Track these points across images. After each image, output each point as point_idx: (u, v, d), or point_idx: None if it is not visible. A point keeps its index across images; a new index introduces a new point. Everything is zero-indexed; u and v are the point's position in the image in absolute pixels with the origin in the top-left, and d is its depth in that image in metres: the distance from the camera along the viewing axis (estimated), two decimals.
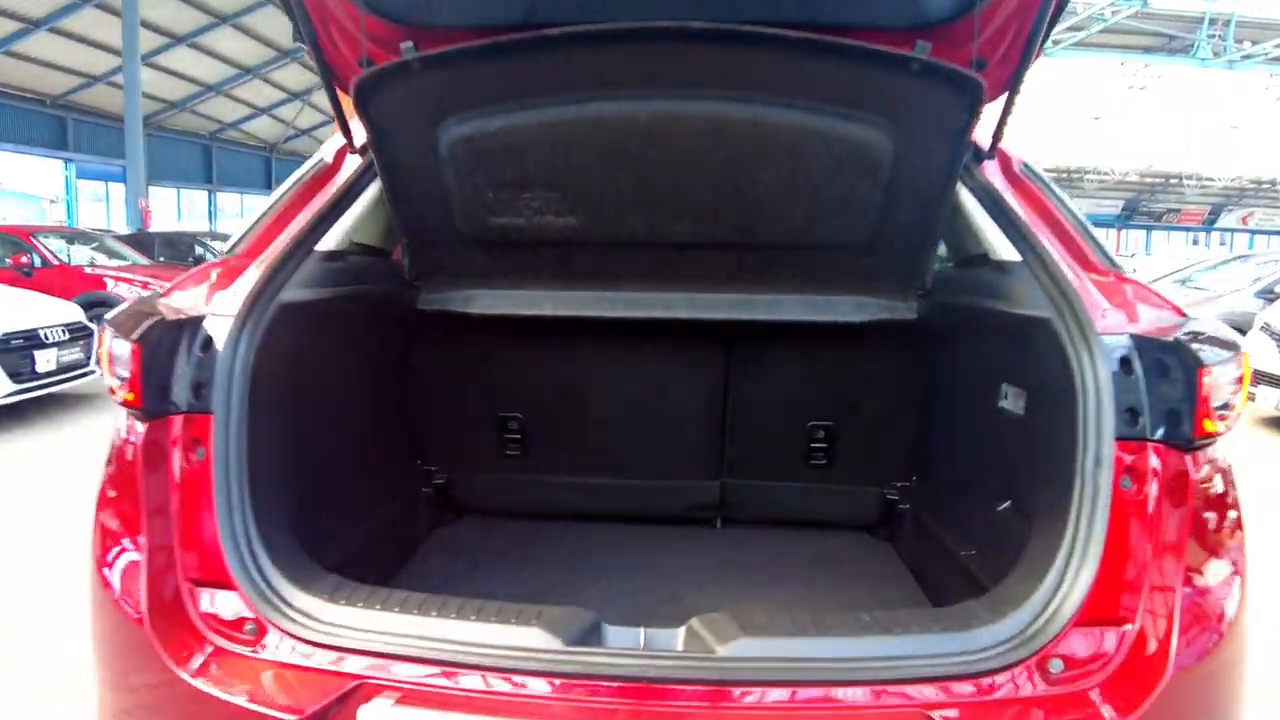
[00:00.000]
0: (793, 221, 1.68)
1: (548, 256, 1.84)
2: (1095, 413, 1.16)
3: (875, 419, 2.11)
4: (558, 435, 2.21)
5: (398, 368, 2.05)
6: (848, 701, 1.03)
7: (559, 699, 1.03)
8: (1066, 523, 1.14)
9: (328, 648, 1.09)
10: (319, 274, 1.50)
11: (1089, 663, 1.07)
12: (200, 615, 1.14)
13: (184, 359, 1.22)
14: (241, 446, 1.21)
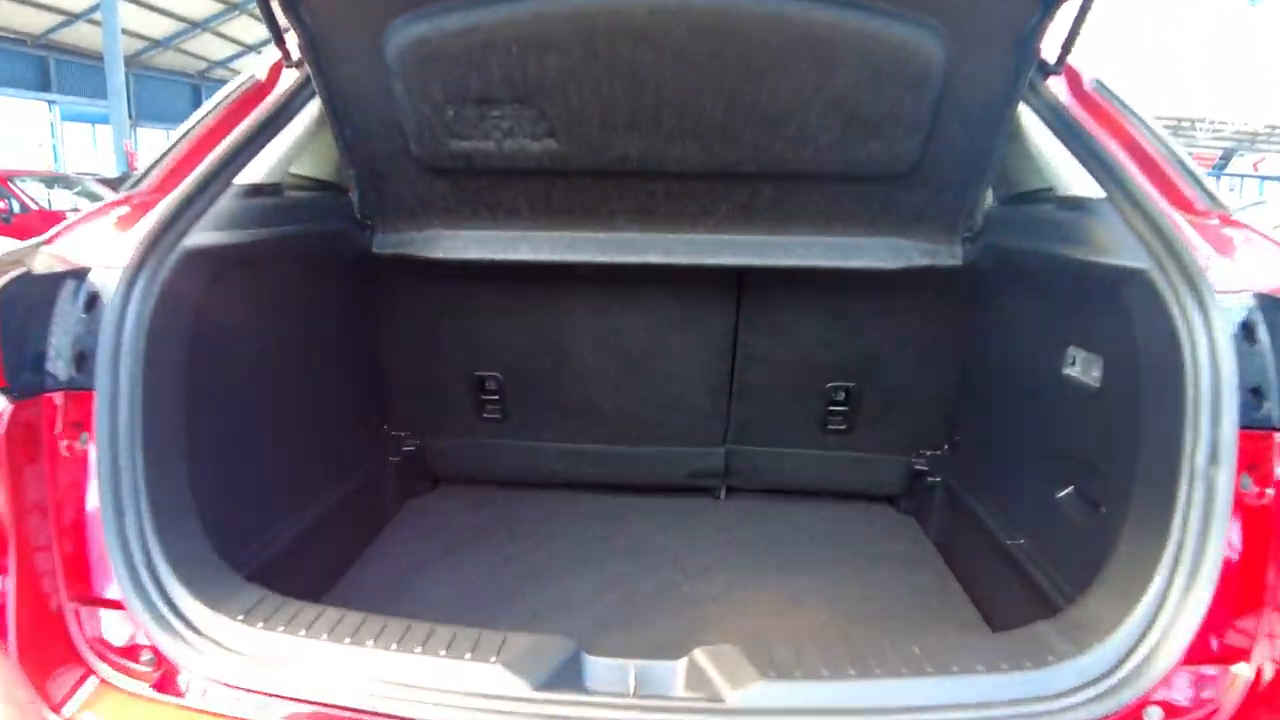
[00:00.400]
0: (819, 146, 1.39)
1: (523, 189, 1.54)
2: (1211, 392, 0.91)
3: (905, 379, 1.84)
4: (542, 396, 1.95)
5: (353, 322, 1.78)
6: None
7: None
8: (1169, 530, 0.90)
9: (240, 689, 0.87)
10: (239, 212, 1.22)
11: (1195, 710, 0.85)
12: (87, 641, 0.92)
13: (61, 322, 0.98)
14: (135, 429, 0.97)
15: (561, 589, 1.66)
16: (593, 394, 1.94)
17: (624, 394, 1.93)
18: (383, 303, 1.78)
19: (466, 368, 1.90)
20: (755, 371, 1.88)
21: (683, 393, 1.93)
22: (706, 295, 1.79)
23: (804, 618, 1.57)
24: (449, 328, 1.83)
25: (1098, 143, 1.21)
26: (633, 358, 1.88)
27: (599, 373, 1.90)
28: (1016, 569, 1.41)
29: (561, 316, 1.83)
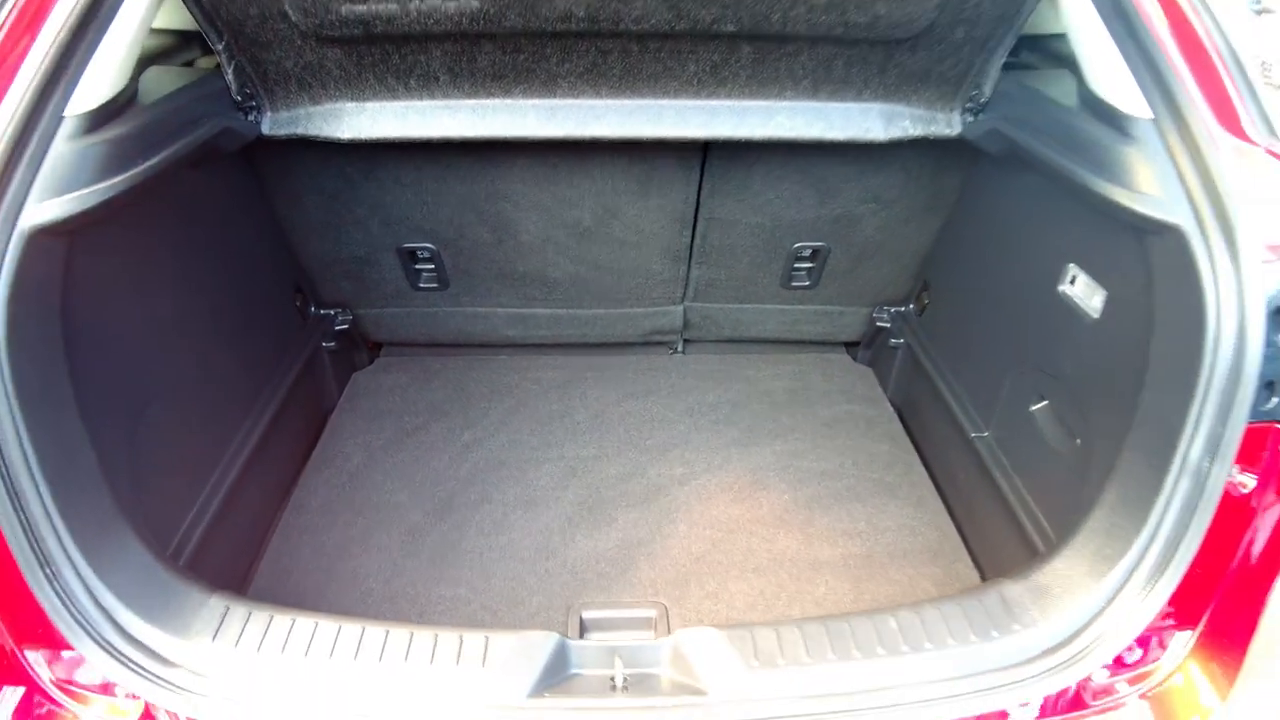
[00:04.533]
0: (813, 4, 1.14)
1: (439, 52, 1.27)
2: (1226, 377, 0.85)
3: (878, 240, 1.73)
4: (483, 264, 1.79)
5: (257, 214, 1.54)
6: None
7: None
8: (1150, 510, 0.89)
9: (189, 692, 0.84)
10: (85, 158, 0.94)
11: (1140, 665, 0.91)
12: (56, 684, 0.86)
13: None
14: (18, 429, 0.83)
15: (524, 483, 1.64)
16: (540, 263, 1.78)
17: (575, 262, 1.78)
18: (286, 182, 1.53)
19: (392, 239, 1.70)
20: (718, 235, 1.74)
21: (639, 259, 1.79)
22: (666, 161, 1.58)
23: (766, 502, 1.59)
24: (365, 200, 1.60)
25: (1148, 30, 0.98)
26: (583, 226, 1.71)
27: (545, 242, 1.73)
28: (976, 459, 1.44)
29: (496, 186, 1.61)
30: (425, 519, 1.54)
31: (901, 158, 1.54)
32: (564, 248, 1.75)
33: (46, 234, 0.88)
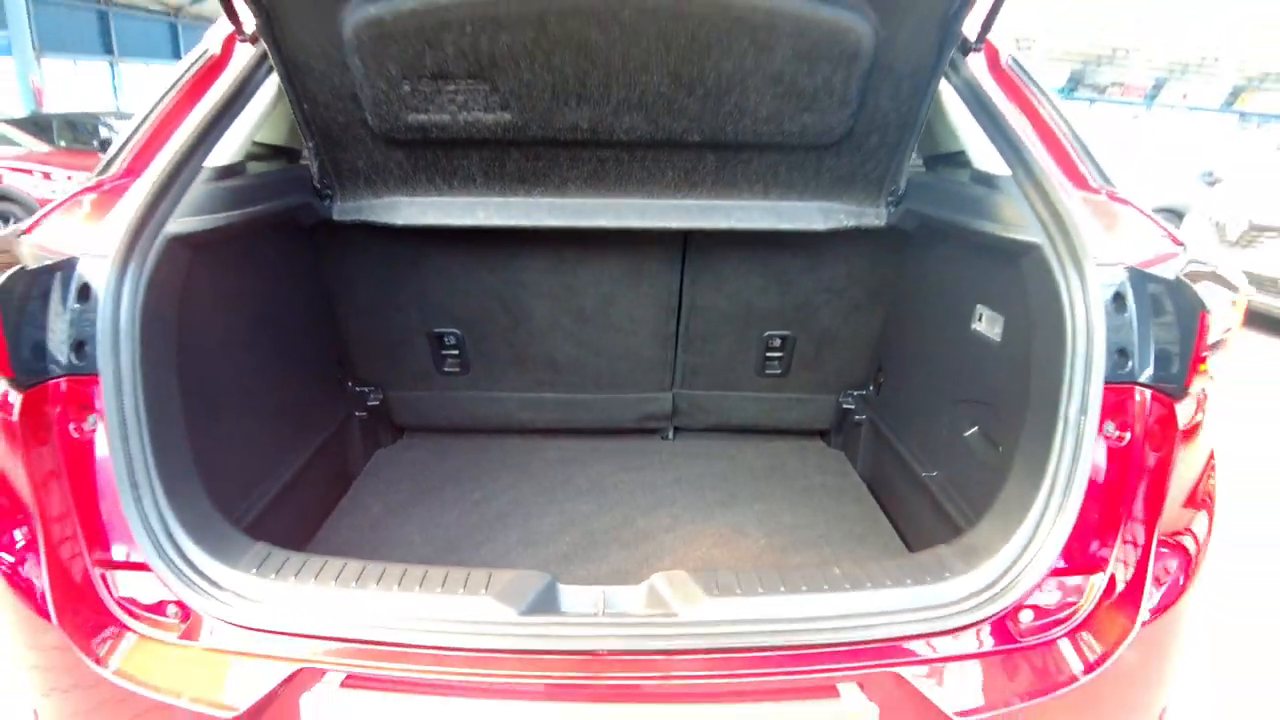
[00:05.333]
0: (758, 117, 1.49)
1: (478, 157, 1.62)
2: (1085, 351, 1.07)
3: (835, 327, 2.02)
4: (500, 350, 2.07)
5: (316, 285, 1.85)
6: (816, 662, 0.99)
7: (515, 675, 0.97)
8: (1045, 468, 1.08)
9: (262, 630, 0.99)
10: (213, 196, 1.29)
11: (1060, 612, 1.05)
12: (116, 601, 1.03)
13: (58, 312, 1.05)
14: (139, 408, 1.06)
15: (527, 529, 1.81)
16: (549, 347, 2.07)
17: (578, 346, 2.07)
18: (343, 265, 1.85)
19: (426, 324, 2.00)
20: (699, 322, 2.03)
21: (633, 343, 2.07)
22: (654, 254, 1.92)
23: (745, 546, 1.77)
24: (407, 287, 1.92)
25: (1006, 121, 1.35)
26: (586, 313, 2.00)
27: (554, 327, 2.03)
28: (930, 498, 1.61)
29: (516, 275, 1.93)
30: (433, 553, 1.72)
31: (844, 251, 1.86)
32: (569, 333, 2.03)
33: (178, 241, 1.18)
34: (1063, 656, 1.02)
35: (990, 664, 1.01)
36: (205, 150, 1.29)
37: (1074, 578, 1.05)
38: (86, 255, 1.07)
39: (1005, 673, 1.01)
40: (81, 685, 1.01)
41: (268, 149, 1.59)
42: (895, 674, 0.98)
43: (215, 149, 1.31)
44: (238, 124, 1.36)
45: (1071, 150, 1.35)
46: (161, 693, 0.97)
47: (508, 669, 0.96)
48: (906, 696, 0.98)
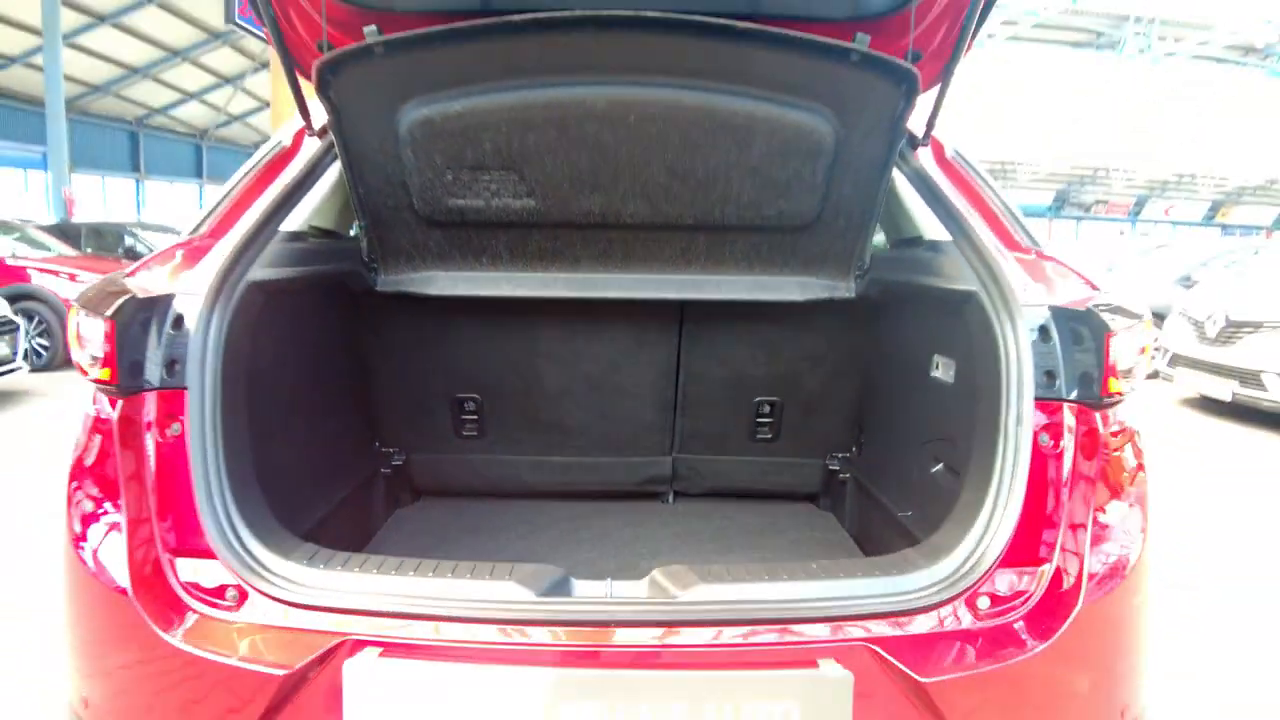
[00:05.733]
0: (740, 203, 1.75)
1: (505, 238, 1.87)
2: (1017, 376, 1.27)
3: (818, 394, 2.22)
4: (515, 415, 2.26)
5: (356, 349, 2.07)
6: (797, 637, 1.13)
7: (534, 645, 1.11)
8: (991, 476, 1.25)
9: (310, 608, 1.14)
10: (283, 254, 1.53)
11: (1012, 599, 1.19)
12: (182, 585, 1.17)
13: (156, 337, 1.25)
14: (216, 421, 1.24)
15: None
16: (559, 412, 2.25)
17: (586, 411, 2.25)
18: (378, 332, 2.07)
19: (448, 390, 2.20)
20: (695, 389, 2.22)
21: (635, 408, 2.26)
22: (654, 325, 2.14)
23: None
24: (434, 354, 2.13)
25: (948, 199, 1.60)
26: (593, 379, 2.20)
27: (564, 393, 2.22)
28: (907, 535, 1.75)
29: (532, 344, 2.15)
30: None
31: (822, 322, 2.08)
32: (578, 398, 2.22)
33: (256, 286, 1.40)
34: (1016, 634, 1.16)
35: (952, 640, 1.15)
36: (280, 219, 1.54)
37: (1024, 568, 1.20)
38: (182, 293, 1.29)
39: (966, 647, 1.15)
40: (148, 651, 1.15)
41: (321, 232, 1.83)
42: (868, 647, 1.12)
43: (286, 220, 1.56)
44: (305, 200, 1.62)
45: (1005, 221, 1.59)
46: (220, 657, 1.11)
47: (527, 639, 1.11)
48: (878, 666, 1.12)
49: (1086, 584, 1.19)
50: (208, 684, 1.12)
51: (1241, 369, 6.62)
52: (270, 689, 1.08)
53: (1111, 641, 1.24)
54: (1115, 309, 1.30)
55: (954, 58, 1.56)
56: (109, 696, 1.21)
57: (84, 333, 1.25)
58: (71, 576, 1.24)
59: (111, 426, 1.22)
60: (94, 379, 1.25)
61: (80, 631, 1.24)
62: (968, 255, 1.48)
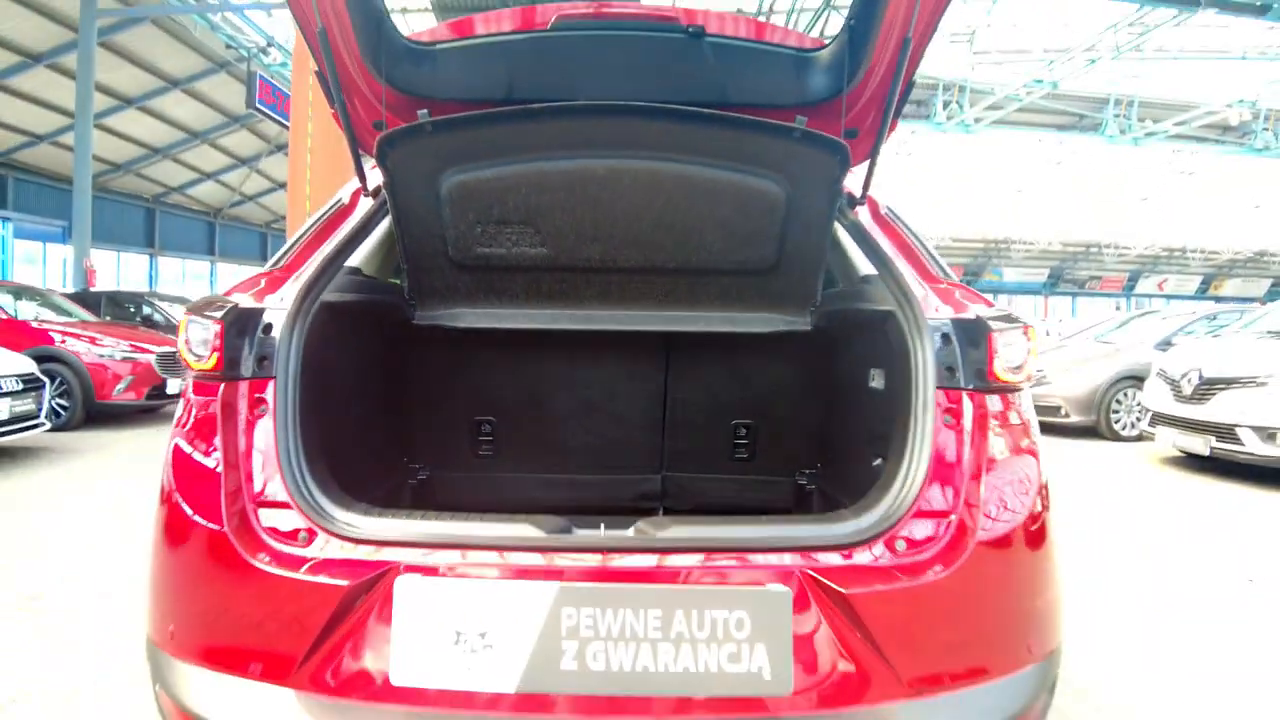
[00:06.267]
0: (712, 251, 2.12)
1: (521, 280, 2.24)
2: (923, 372, 1.61)
3: (786, 416, 2.55)
4: (524, 436, 2.59)
5: (394, 371, 2.42)
6: (752, 563, 1.43)
7: (545, 567, 1.41)
8: (906, 450, 1.57)
9: (367, 542, 1.44)
10: (346, 284, 1.90)
11: (924, 542, 1.49)
12: (265, 529, 1.48)
13: (252, 338, 1.60)
14: (294, 405, 1.57)
15: None
16: (562, 433, 2.58)
17: (586, 432, 2.58)
18: (413, 358, 2.42)
19: (469, 413, 2.53)
20: (680, 412, 2.56)
21: (628, 430, 2.58)
22: (644, 355, 2.49)
23: None
24: (458, 380, 2.48)
25: (878, 244, 1.96)
26: (592, 403, 2.54)
27: (567, 416, 2.56)
28: None
29: (540, 371, 2.50)
30: None
31: (787, 352, 2.43)
32: (579, 421, 2.55)
33: (326, 306, 1.76)
34: (922, 565, 1.47)
35: (871, 568, 1.45)
36: (345, 257, 1.91)
37: (931, 518, 1.52)
38: (271, 307, 1.64)
39: (882, 573, 1.45)
40: (240, 575, 1.46)
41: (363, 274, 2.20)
42: (804, 572, 1.42)
43: (350, 256, 1.93)
44: (363, 245, 2.00)
45: (924, 260, 1.95)
46: (296, 575, 1.42)
47: (538, 560, 1.41)
48: (812, 585, 1.41)
49: (980, 530, 1.49)
50: (285, 597, 1.42)
51: (1217, 424, 6.90)
52: (335, 599, 1.39)
53: (1005, 577, 1.53)
54: (1000, 317, 1.64)
55: (880, 135, 1.96)
56: (200, 619, 1.50)
57: (194, 334, 1.59)
58: (171, 526, 1.54)
59: (209, 407, 1.56)
60: (199, 369, 1.59)
61: (176, 570, 1.54)
62: (889, 285, 1.83)
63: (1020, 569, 1.54)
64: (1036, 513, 1.57)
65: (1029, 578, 1.55)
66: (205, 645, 1.46)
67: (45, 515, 5.14)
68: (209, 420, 1.57)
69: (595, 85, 1.90)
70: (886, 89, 1.86)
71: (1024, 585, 1.55)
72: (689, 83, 1.96)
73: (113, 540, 4.67)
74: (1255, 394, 6.72)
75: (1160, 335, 10.09)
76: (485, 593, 1.39)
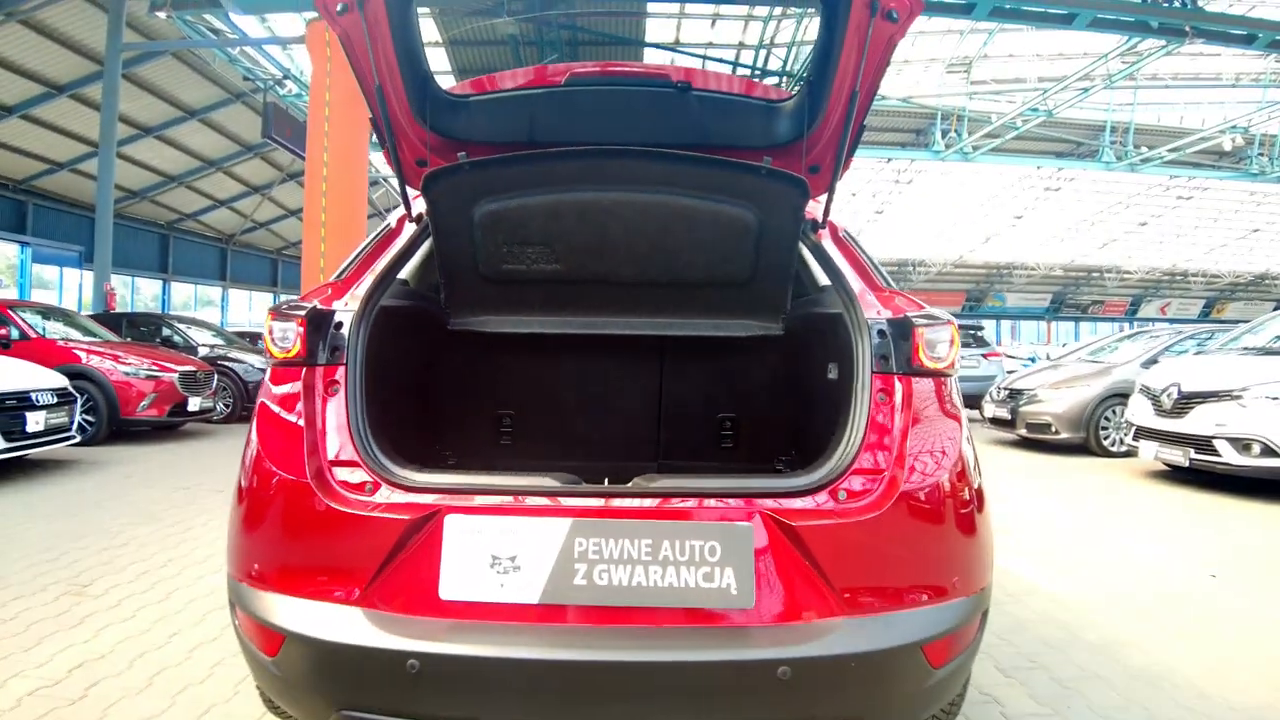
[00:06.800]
0: (698, 267, 2.52)
1: (539, 292, 2.63)
2: (863, 362, 1.99)
3: (764, 409, 2.94)
4: (538, 427, 2.97)
5: (432, 369, 2.81)
6: (726, 506, 1.79)
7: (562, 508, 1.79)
8: (847, 423, 1.95)
9: (422, 490, 1.82)
10: (398, 292, 2.30)
11: (861, 492, 1.85)
12: (338, 482, 1.86)
13: (326, 333, 1.99)
14: (361, 386, 1.96)
15: None
16: (571, 424, 2.96)
17: (591, 424, 2.96)
18: (448, 361, 2.81)
19: (492, 407, 2.92)
20: (673, 407, 2.94)
21: (628, 422, 2.97)
22: (643, 356, 2.88)
23: None
24: (483, 378, 2.87)
25: (833, 261, 2.34)
26: (596, 398, 2.92)
27: (576, 409, 2.94)
28: None
29: (554, 371, 2.88)
30: None
31: (762, 355, 2.82)
32: (586, 414, 2.95)
33: (384, 309, 2.14)
34: (857, 509, 1.82)
35: (816, 510, 1.81)
36: (396, 271, 2.30)
37: (867, 474, 1.88)
38: (340, 310, 2.04)
39: (825, 513, 1.81)
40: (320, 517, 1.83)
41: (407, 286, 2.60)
42: (763, 512, 1.79)
43: (402, 270, 2.32)
44: (410, 262, 2.39)
45: (872, 274, 2.31)
46: (366, 513, 1.80)
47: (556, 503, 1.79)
48: (770, 523, 1.78)
49: (905, 484, 1.85)
50: (355, 534, 1.79)
51: (1195, 436, 7.21)
52: (395, 533, 1.76)
53: (927, 523, 1.88)
54: (926, 316, 2.02)
55: (835, 172, 2.37)
56: (283, 555, 1.86)
57: (278, 330, 1.99)
58: (259, 481, 1.91)
59: (293, 387, 1.95)
60: (282, 358, 1.98)
61: (262, 516, 1.89)
62: (840, 292, 2.22)
63: (941, 517, 1.90)
64: (957, 472, 1.93)
65: (950, 524, 1.91)
66: (287, 576, 1.83)
67: (84, 518, 5.51)
68: (292, 397, 1.96)
69: (601, 130, 2.31)
70: (840, 133, 2.26)
71: (946, 530, 1.90)
72: (678, 128, 2.37)
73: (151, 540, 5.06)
74: (1230, 407, 7.04)
75: (1147, 354, 10.39)
76: (514, 527, 1.76)
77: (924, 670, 1.75)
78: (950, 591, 1.85)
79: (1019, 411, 10.46)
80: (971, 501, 1.95)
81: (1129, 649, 3.40)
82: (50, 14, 16.13)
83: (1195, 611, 3.93)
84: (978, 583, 1.93)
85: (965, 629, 1.86)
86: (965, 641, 1.88)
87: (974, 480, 1.97)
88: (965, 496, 1.93)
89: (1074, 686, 3.02)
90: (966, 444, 2.01)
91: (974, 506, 1.95)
